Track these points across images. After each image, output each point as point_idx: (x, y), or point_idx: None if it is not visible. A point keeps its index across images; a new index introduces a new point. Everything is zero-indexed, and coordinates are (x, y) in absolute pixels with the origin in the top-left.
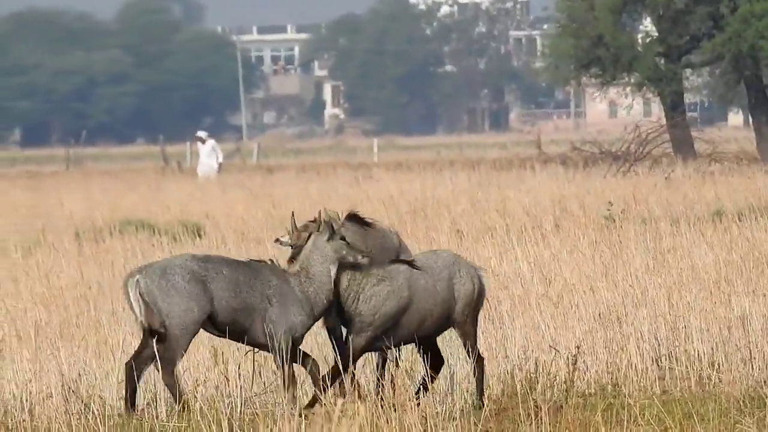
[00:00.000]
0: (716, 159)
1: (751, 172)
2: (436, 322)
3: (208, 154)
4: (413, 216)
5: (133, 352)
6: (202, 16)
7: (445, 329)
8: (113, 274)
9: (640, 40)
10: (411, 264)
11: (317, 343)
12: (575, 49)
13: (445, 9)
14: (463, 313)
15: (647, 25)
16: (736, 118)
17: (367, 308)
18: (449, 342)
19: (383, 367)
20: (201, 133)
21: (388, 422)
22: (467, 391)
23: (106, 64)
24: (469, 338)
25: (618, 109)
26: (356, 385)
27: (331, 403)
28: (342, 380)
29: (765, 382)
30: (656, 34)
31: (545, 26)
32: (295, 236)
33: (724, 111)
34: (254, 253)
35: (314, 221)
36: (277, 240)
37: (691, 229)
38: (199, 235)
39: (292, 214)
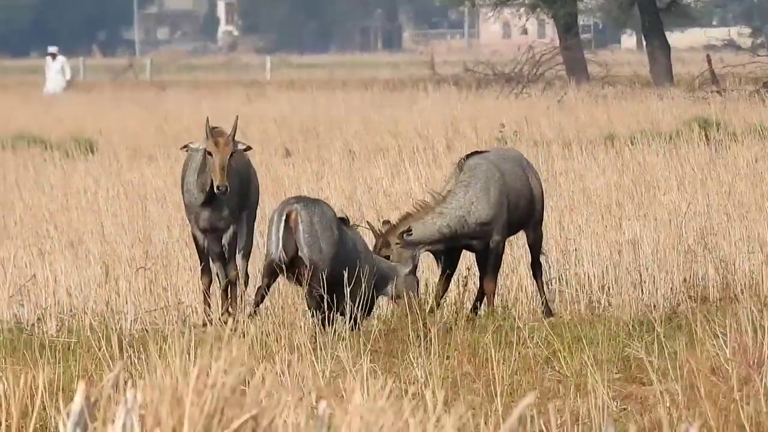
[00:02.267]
0: (609, 82)
1: (644, 96)
2: (524, 209)
3: (57, 70)
4: (305, 136)
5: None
6: None
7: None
8: (5, 188)
9: None
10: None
11: None
12: None
13: None
14: (540, 211)
15: None
16: (629, 40)
17: (480, 208)
18: None
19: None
20: (52, 49)
21: (278, 341)
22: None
23: None
24: (539, 241)
25: (512, 30)
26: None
27: (221, 321)
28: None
29: (654, 306)
30: None
31: None
32: (211, 142)
33: (618, 34)
34: (147, 171)
35: (215, 128)
36: (185, 146)
37: (583, 153)
38: (92, 151)
39: (207, 120)
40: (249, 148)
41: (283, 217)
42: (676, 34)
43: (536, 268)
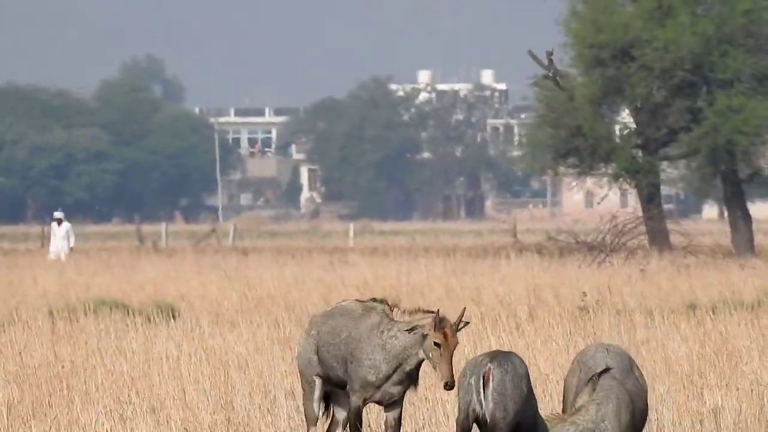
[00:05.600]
0: (691, 252)
1: (726, 265)
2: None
3: (62, 236)
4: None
5: None
6: (182, 96)
7: None
8: (87, 353)
9: (618, 132)
10: None
11: None
12: (553, 139)
13: (423, 96)
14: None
15: (625, 116)
16: (711, 210)
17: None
18: (421, 431)
19: None
20: (58, 214)
21: None
22: None
23: (86, 142)
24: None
25: (594, 199)
26: None
27: None
28: None
29: None
30: (634, 125)
31: (523, 115)
32: (440, 334)
33: (700, 203)
34: (229, 337)
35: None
36: (413, 329)
37: (665, 322)
38: (174, 317)
39: (438, 311)
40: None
41: (482, 379)
42: (758, 205)
43: None
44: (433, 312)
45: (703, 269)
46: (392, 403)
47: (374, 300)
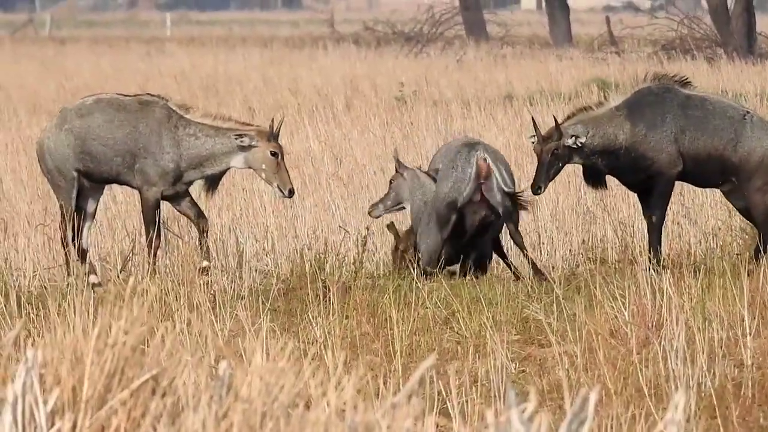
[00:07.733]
0: (508, 42)
1: (543, 56)
2: None
3: None
4: (205, 92)
5: None
6: None
7: None
8: None
9: None
10: None
11: None
12: None
13: None
14: None
15: None
16: (529, 1)
17: None
18: (238, 221)
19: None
20: None
21: (177, 299)
22: (256, 270)
23: None
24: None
25: None
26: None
27: (122, 280)
28: None
29: (553, 268)
30: None
31: None
32: (277, 144)
33: None
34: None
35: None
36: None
37: (482, 112)
38: None
39: (272, 120)
40: None
41: (474, 165)
42: None
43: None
44: (247, 123)
45: (520, 60)
46: (183, 198)
47: (149, 95)
